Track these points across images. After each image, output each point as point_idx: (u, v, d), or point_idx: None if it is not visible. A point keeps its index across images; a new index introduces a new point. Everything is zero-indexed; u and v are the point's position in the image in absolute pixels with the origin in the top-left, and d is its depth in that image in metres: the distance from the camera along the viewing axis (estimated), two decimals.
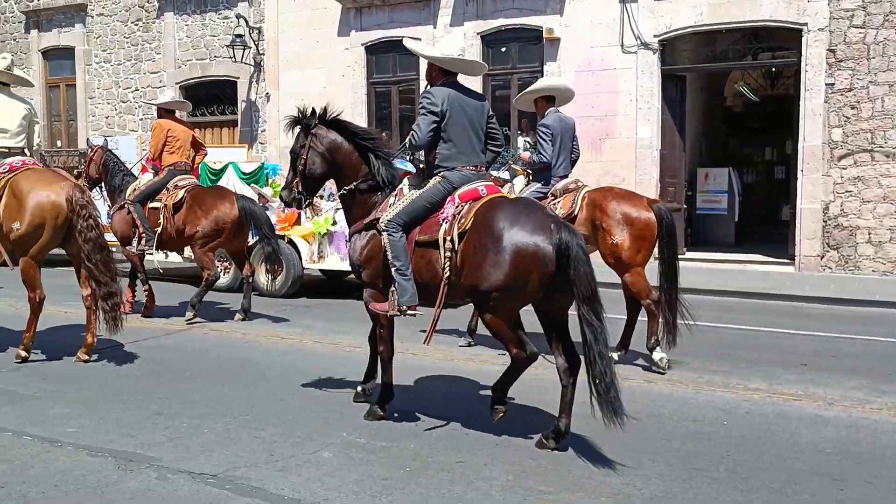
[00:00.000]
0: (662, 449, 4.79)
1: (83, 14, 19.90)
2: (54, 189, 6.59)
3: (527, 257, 4.58)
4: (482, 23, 15.52)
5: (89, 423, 5.16)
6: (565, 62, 14.85)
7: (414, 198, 5.13)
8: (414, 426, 5.17)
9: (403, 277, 5.00)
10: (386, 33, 16.42)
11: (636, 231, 6.81)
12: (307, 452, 4.65)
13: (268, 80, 17.61)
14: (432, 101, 5.07)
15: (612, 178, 14.55)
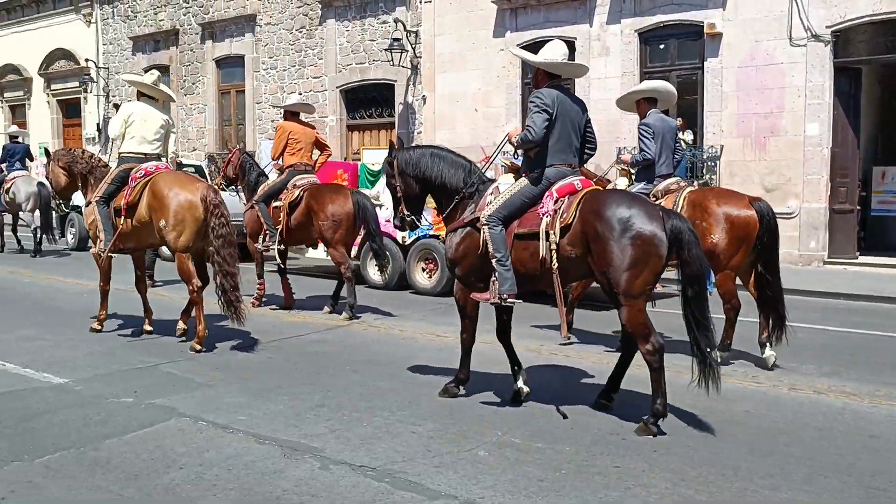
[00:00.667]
0: (834, 465, 4.52)
1: (252, 24, 20.98)
2: (191, 190, 7.24)
3: (646, 243, 4.89)
4: (640, 20, 15.18)
5: (257, 412, 5.42)
6: (727, 58, 14.29)
7: (513, 193, 5.45)
8: (569, 429, 5.12)
9: (503, 268, 5.33)
10: (541, 33, 16.34)
11: (735, 230, 6.84)
12: (463, 450, 4.69)
13: (424, 82, 17.94)
14: (544, 101, 5.34)
15: (777, 178, 13.91)
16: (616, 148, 14.04)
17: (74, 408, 5.49)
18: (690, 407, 5.60)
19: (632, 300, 4.98)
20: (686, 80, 15.10)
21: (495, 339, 5.85)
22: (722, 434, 5.04)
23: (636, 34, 15.26)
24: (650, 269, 4.94)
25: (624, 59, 15.38)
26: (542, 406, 5.61)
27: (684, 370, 6.64)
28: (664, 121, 7.47)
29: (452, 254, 5.69)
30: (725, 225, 6.85)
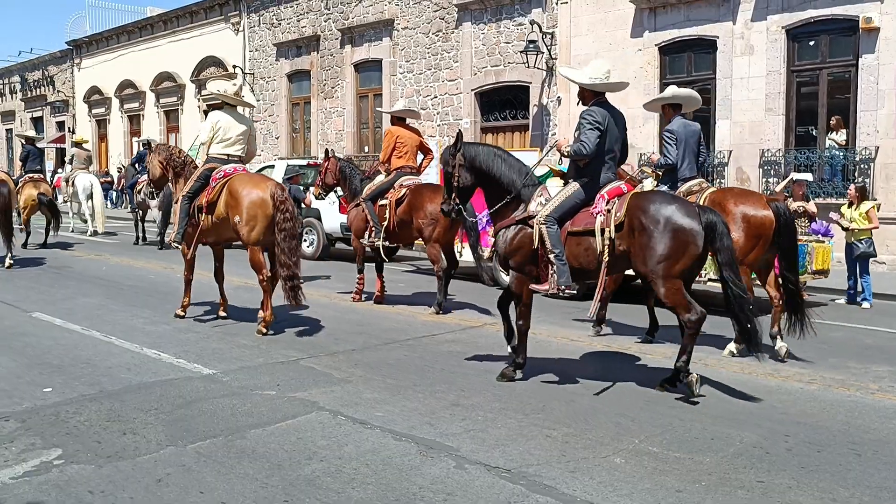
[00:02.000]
0: None
1: (390, 28, 21.44)
2: (262, 188, 7.91)
3: (685, 234, 5.71)
4: (788, 15, 14.54)
5: (394, 409, 5.52)
6: (885, 54, 13.48)
7: (567, 196, 6.15)
8: (709, 440, 4.95)
9: (560, 262, 6.00)
10: (681, 32, 15.96)
11: (752, 229, 7.29)
12: (599, 456, 4.62)
13: (559, 83, 17.82)
14: (596, 119, 6.12)
15: None
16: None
17: (223, 398, 5.75)
18: (843, 423, 5.32)
19: (671, 281, 5.75)
20: (838, 77, 14.37)
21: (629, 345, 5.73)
22: (877, 453, 4.76)
23: (783, 31, 14.62)
24: (688, 256, 5.74)
25: (769, 58, 14.77)
26: (680, 415, 5.46)
27: (835, 384, 6.33)
28: (687, 126, 7.95)
29: (507, 247, 6.27)
30: (743, 224, 7.31)
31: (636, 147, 16.43)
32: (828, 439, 4.98)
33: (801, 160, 14.41)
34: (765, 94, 14.83)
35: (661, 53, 16.40)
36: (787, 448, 4.82)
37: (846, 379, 6.55)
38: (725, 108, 15.42)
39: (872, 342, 8.24)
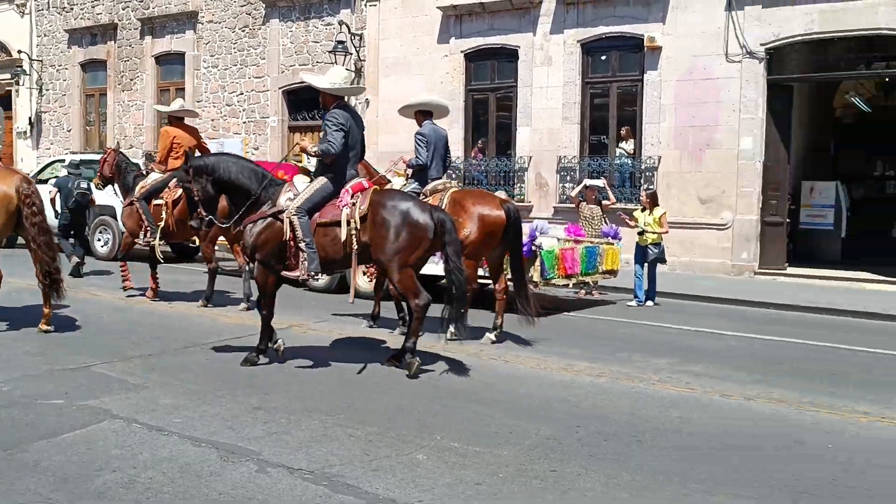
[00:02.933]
0: (763, 470, 4.64)
1: (194, 21, 20.67)
2: (6, 182, 7.67)
3: (419, 228, 6.50)
4: (582, 30, 15.41)
5: (193, 414, 5.34)
6: (666, 71, 14.60)
7: (316, 189, 6.70)
8: (508, 433, 5.16)
9: (311, 250, 6.58)
10: (485, 41, 16.50)
11: (486, 227, 7.98)
12: (402, 453, 4.69)
13: (367, 86, 17.90)
14: (340, 121, 6.72)
15: (712, 190, 14.25)
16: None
17: (2, 409, 5.33)
18: (628, 414, 5.71)
19: (405, 269, 6.53)
20: (627, 91, 15.39)
21: (434, 344, 5.86)
22: (656, 439, 5.14)
23: (579, 44, 15.48)
24: (421, 247, 6.57)
25: (566, 69, 15.59)
26: (480, 410, 5.65)
27: (622, 377, 6.78)
28: (436, 131, 8.62)
29: (254, 241, 6.69)
30: (478, 222, 7.97)
31: None
32: (614, 429, 5.32)
33: (595, 167, 15.31)
34: (562, 104, 15.64)
35: (466, 60, 16.87)
36: (577, 438, 5.10)
37: (631, 372, 7.03)
38: (526, 115, 16.11)
39: (656, 337, 8.89)
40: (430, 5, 16.99)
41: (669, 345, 8.43)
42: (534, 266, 9.65)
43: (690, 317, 10.26)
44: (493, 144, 16.94)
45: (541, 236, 9.82)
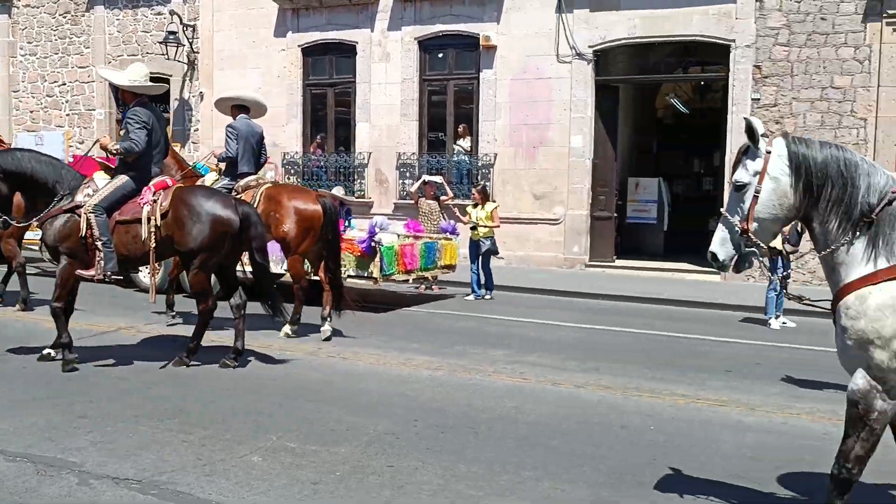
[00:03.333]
0: (591, 455, 4.86)
1: (9, 4, 19.27)
2: None
3: (223, 223, 6.53)
4: (420, 28, 15.55)
5: (8, 426, 4.99)
6: (501, 70, 14.98)
7: (116, 187, 6.60)
8: (345, 431, 5.14)
9: (108, 249, 6.47)
10: (323, 35, 16.33)
11: (304, 221, 8.11)
12: (236, 456, 4.58)
13: (202, 78, 17.33)
14: (142, 119, 6.66)
15: (545, 187, 14.75)
16: None
17: None
18: (464, 405, 5.82)
19: (201, 269, 6.60)
20: (463, 89, 15.66)
21: (271, 343, 5.75)
22: (491, 429, 5.28)
23: (416, 42, 15.61)
24: (226, 241, 6.58)
25: (404, 66, 15.68)
26: (318, 408, 5.60)
27: (459, 370, 6.90)
28: (250, 126, 8.57)
29: (56, 236, 6.54)
30: (295, 216, 8.08)
31: (279, 146, 16.55)
32: (451, 421, 5.42)
33: (433, 164, 15.50)
34: (400, 100, 15.73)
35: (304, 54, 16.64)
36: (415, 433, 5.16)
37: (468, 364, 7.18)
38: (365, 111, 16.09)
39: (492, 329, 9.12)
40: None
41: (505, 336, 8.66)
42: (374, 262, 9.67)
43: (525, 309, 10.58)
44: (332, 140, 16.81)
45: (380, 232, 9.85)
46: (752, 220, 3.55)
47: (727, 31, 13.40)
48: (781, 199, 3.53)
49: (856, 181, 3.42)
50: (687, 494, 4.21)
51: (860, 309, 3.31)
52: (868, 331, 3.28)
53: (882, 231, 3.36)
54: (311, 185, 16.23)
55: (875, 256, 3.35)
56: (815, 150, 3.50)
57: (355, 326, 8.37)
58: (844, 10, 12.76)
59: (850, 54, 12.80)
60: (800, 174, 3.49)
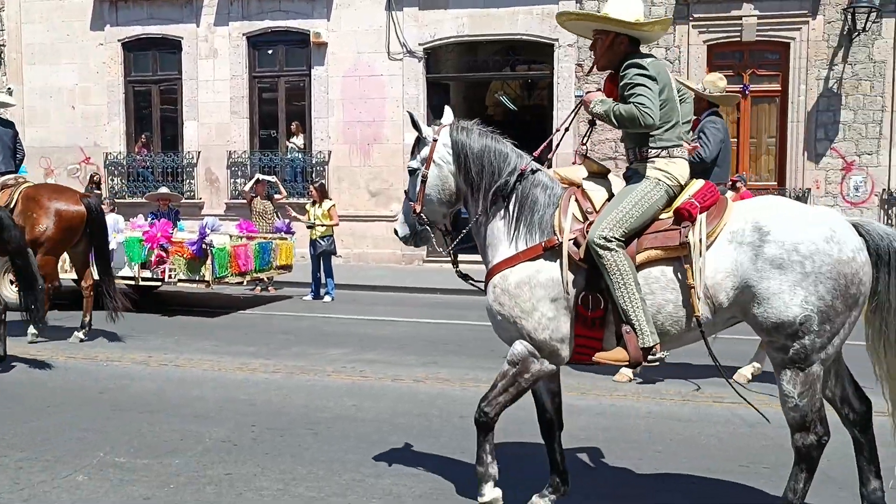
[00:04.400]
0: (430, 447, 4.92)
1: None
2: None
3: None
4: (248, 23, 15.20)
5: None
6: (333, 66, 14.89)
7: None
8: (179, 440, 4.95)
9: None
10: (145, 30, 15.65)
11: (64, 222, 7.93)
12: (59, 477, 4.31)
13: (9, 73, 16.18)
14: None
15: (381, 184, 14.80)
16: None
17: None
18: (303, 406, 5.75)
19: None
20: (295, 86, 15.44)
21: (97, 354, 5.45)
22: (331, 429, 5.24)
23: (244, 38, 15.25)
24: None
25: (233, 62, 15.28)
26: (149, 419, 5.37)
27: (297, 371, 6.80)
28: (3, 123, 8.47)
29: None
30: (55, 217, 7.88)
31: (100, 146, 15.76)
32: (289, 423, 5.33)
33: (266, 162, 15.20)
34: (230, 98, 15.31)
35: (124, 49, 15.87)
36: (252, 438, 5.04)
37: (306, 365, 7.09)
38: (192, 109, 15.55)
39: (330, 328, 9.05)
40: None
41: (344, 335, 8.62)
42: (205, 265, 9.37)
43: (365, 306, 10.58)
44: (158, 139, 16.14)
45: (211, 234, 9.56)
46: (422, 201, 3.97)
47: (551, 30, 13.92)
48: (444, 183, 3.94)
49: (502, 170, 3.81)
50: (524, 482, 4.33)
51: (504, 286, 3.69)
52: (511, 306, 3.65)
53: (524, 214, 3.73)
54: (137, 186, 15.59)
55: (516, 238, 3.73)
56: (473, 139, 3.89)
57: (189, 332, 8.08)
58: (656, 13, 13.56)
59: (662, 54, 13.61)
60: (459, 160, 3.88)
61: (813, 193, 13.35)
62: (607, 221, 3.50)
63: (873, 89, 13.19)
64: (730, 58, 13.84)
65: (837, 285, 3.30)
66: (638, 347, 3.45)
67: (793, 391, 3.38)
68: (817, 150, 13.42)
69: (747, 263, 3.38)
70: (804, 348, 3.33)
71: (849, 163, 13.32)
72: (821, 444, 3.45)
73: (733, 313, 3.49)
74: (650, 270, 3.53)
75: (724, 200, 3.64)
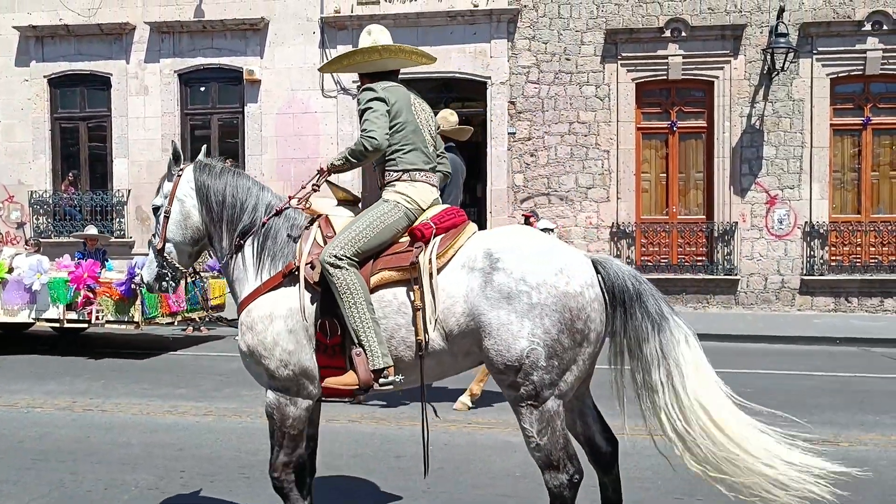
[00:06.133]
0: (368, 487, 4.84)
1: None
2: None
3: None
4: (179, 60, 15.04)
5: None
6: (266, 104, 14.82)
7: None
8: (103, 490, 4.78)
9: None
10: (72, 66, 15.36)
11: None
12: None
13: None
14: None
15: None
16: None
17: None
18: (234, 450, 5.60)
19: None
20: (227, 123, 15.31)
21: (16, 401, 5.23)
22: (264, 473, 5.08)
23: (176, 74, 15.08)
24: None
25: (164, 99, 15.09)
26: (73, 468, 5.17)
27: (229, 413, 6.65)
28: None
29: None
30: None
31: (25, 184, 15.39)
32: (220, 468, 5.20)
33: None
34: (161, 135, 15.08)
35: (51, 86, 15.53)
36: (182, 484, 4.90)
37: (239, 407, 6.94)
38: (122, 146, 15.27)
39: None
40: (5, 24, 15.39)
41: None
42: (135, 306, 9.15)
43: None
44: (87, 177, 15.78)
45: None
46: (164, 239, 3.84)
47: (483, 68, 14.12)
48: (187, 220, 3.84)
49: (245, 204, 3.78)
50: None
51: (248, 323, 3.61)
52: (255, 343, 3.57)
53: (267, 246, 3.70)
54: (64, 225, 15.18)
55: (261, 271, 3.67)
56: (214, 176, 3.84)
57: (117, 375, 7.85)
58: (585, 52, 13.88)
59: (593, 92, 13.93)
60: (202, 197, 3.82)
61: (740, 226, 13.71)
62: (339, 241, 3.48)
63: (793, 126, 13.68)
64: (657, 95, 14.22)
65: (563, 318, 3.24)
66: (368, 370, 3.38)
67: (531, 430, 3.33)
68: (742, 185, 13.82)
69: (477, 290, 3.32)
70: (534, 385, 3.26)
71: (772, 197, 13.74)
72: (573, 483, 3.36)
73: (470, 345, 3.39)
74: (384, 293, 3.48)
75: (467, 225, 3.61)
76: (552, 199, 14.04)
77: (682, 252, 14.00)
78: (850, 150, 13.89)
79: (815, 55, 13.56)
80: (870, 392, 7.77)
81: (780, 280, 13.76)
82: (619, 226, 13.94)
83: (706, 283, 13.88)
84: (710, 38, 13.78)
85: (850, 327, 11.99)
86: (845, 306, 13.61)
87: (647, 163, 14.22)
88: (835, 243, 13.74)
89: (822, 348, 10.82)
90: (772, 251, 13.76)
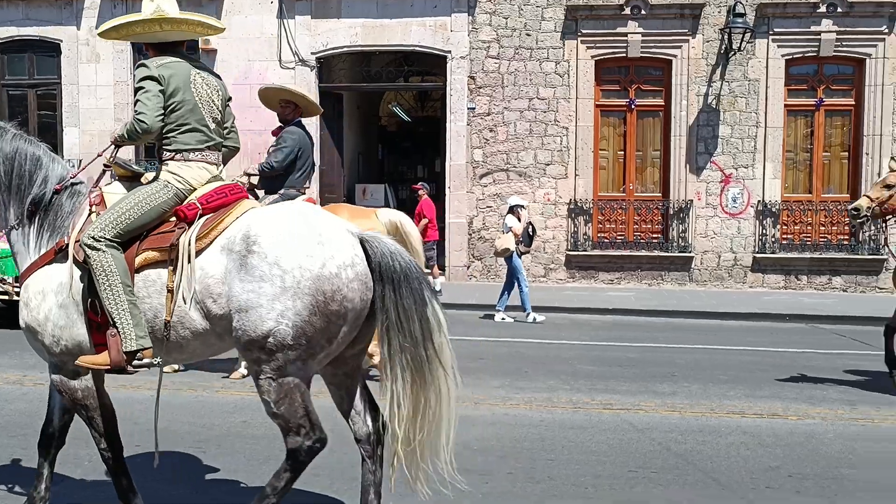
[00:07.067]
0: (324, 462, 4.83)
1: None
2: None
3: None
4: None
5: None
6: (222, 73, 14.31)
7: None
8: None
9: None
10: (20, 31, 14.93)
11: None
12: None
13: None
14: None
15: None
16: None
17: None
18: (188, 423, 5.57)
19: None
20: None
21: None
22: (220, 447, 5.10)
23: (129, 42, 14.71)
24: None
25: (116, 68, 14.76)
26: (22, 443, 5.07)
27: (184, 387, 6.60)
28: None
29: None
30: None
31: None
32: (175, 442, 5.13)
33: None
34: (114, 104, 14.78)
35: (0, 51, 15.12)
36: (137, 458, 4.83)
37: (193, 381, 6.88)
38: (73, 115, 14.93)
39: None
40: None
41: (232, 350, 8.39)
42: None
43: None
44: None
45: None
46: None
47: (444, 42, 14.04)
48: None
49: (33, 174, 3.71)
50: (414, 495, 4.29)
51: (24, 299, 3.60)
52: (30, 319, 3.56)
53: (48, 220, 3.66)
54: None
55: (39, 245, 3.64)
56: (6, 141, 3.74)
57: None
58: (546, 28, 13.87)
59: (552, 68, 13.94)
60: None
61: (695, 204, 13.90)
62: (100, 222, 3.48)
63: (748, 106, 13.86)
64: (616, 73, 14.29)
65: (316, 301, 3.28)
66: (120, 351, 3.41)
67: (269, 399, 3.43)
68: (698, 163, 13.99)
69: (234, 272, 3.35)
70: (278, 362, 3.33)
71: (727, 175, 13.94)
72: (311, 449, 3.48)
73: (231, 326, 3.40)
74: (148, 273, 3.50)
75: (240, 205, 3.61)
76: (511, 175, 14.07)
77: (638, 229, 14.16)
78: (802, 130, 14.14)
79: (770, 36, 13.73)
80: (817, 367, 7.97)
81: (732, 258, 14.00)
82: (577, 202, 14.03)
83: (661, 259, 14.08)
84: (670, 17, 13.87)
85: (799, 304, 12.27)
86: (795, 284, 13.91)
87: (606, 140, 14.32)
88: (786, 222, 14.01)
89: (773, 325, 11.06)
90: (725, 229, 13.99)
